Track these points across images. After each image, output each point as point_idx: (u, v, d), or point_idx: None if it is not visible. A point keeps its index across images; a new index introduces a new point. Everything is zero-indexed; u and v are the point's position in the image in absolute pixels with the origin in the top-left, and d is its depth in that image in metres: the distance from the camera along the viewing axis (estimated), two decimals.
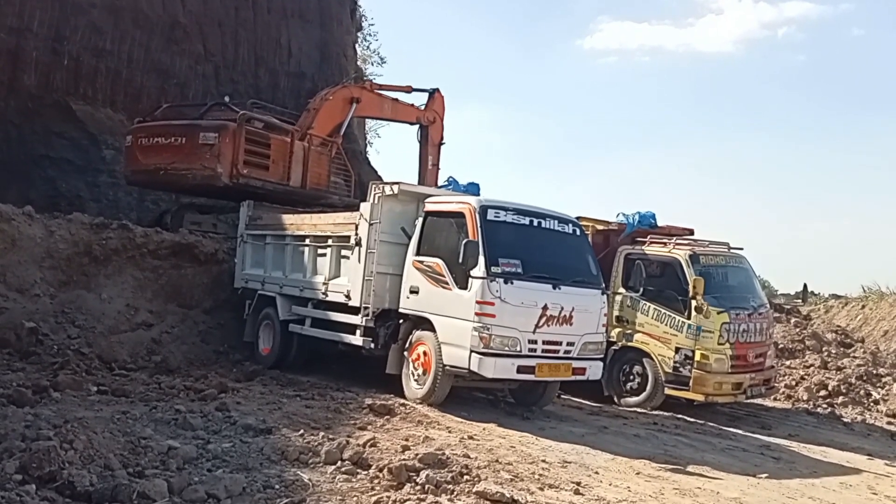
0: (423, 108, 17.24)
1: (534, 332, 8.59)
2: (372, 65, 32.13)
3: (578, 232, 9.67)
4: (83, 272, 11.74)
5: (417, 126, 17.27)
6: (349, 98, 15.69)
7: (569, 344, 8.88)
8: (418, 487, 5.43)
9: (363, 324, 9.66)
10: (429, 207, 9.45)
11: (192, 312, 12.18)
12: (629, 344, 11.16)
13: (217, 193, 14.45)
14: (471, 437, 7.37)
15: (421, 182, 16.80)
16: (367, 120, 26.09)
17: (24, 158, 16.94)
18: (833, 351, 15.25)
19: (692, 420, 10.22)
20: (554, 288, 8.77)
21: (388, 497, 5.22)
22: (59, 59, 17.72)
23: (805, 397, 13.02)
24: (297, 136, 14.58)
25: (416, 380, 9.08)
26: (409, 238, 9.46)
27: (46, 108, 17.53)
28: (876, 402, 12.83)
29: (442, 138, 17.62)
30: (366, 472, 5.69)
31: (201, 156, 13.42)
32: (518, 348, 8.51)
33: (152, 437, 5.93)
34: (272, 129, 14.49)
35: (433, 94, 17.35)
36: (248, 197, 13.72)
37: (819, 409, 12.50)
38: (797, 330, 16.18)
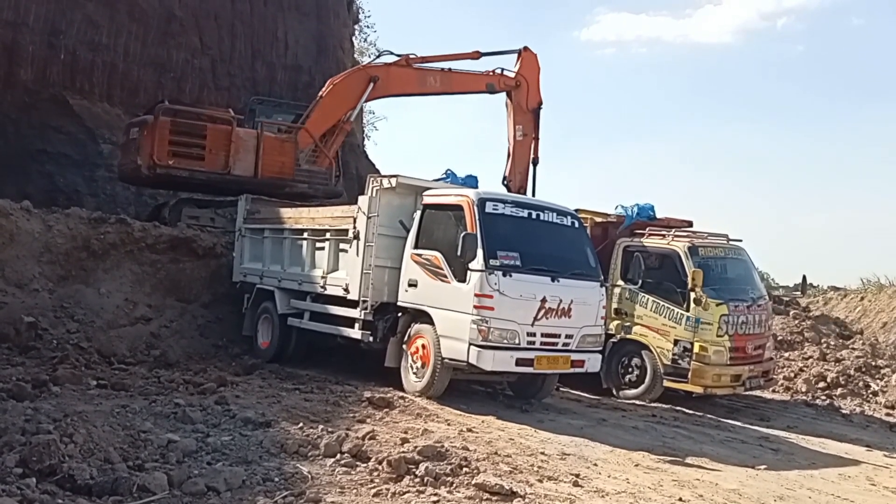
0: (500, 72, 15.25)
1: (532, 324, 8.59)
2: (369, 57, 32.03)
3: (577, 224, 9.67)
4: (81, 267, 11.72)
5: (504, 94, 15.41)
6: (365, 79, 14.58)
7: (567, 336, 8.88)
8: (417, 480, 5.44)
9: (362, 317, 9.64)
10: (427, 200, 9.43)
11: (190, 307, 12.18)
12: (628, 336, 11.15)
13: (146, 184, 15.48)
14: (469, 430, 7.37)
15: (510, 156, 15.33)
16: (365, 112, 25.64)
17: (22, 153, 16.91)
18: (832, 343, 15.26)
19: (691, 412, 10.24)
20: (552, 280, 8.77)
21: (388, 489, 5.24)
22: (55, 54, 17.69)
23: (804, 389, 13.02)
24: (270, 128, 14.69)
25: (414, 373, 9.09)
26: (408, 231, 9.45)
27: (43, 103, 17.50)
28: (874, 394, 12.83)
29: (538, 103, 15.50)
30: (365, 465, 5.70)
31: (130, 149, 14.41)
32: (517, 341, 8.51)
33: (152, 430, 5.94)
34: (213, 120, 14.37)
35: (520, 54, 15.45)
36: (179, 186, 14.52)
37: (818, 401, 12.50)
38: (796, 322, 16.19)
